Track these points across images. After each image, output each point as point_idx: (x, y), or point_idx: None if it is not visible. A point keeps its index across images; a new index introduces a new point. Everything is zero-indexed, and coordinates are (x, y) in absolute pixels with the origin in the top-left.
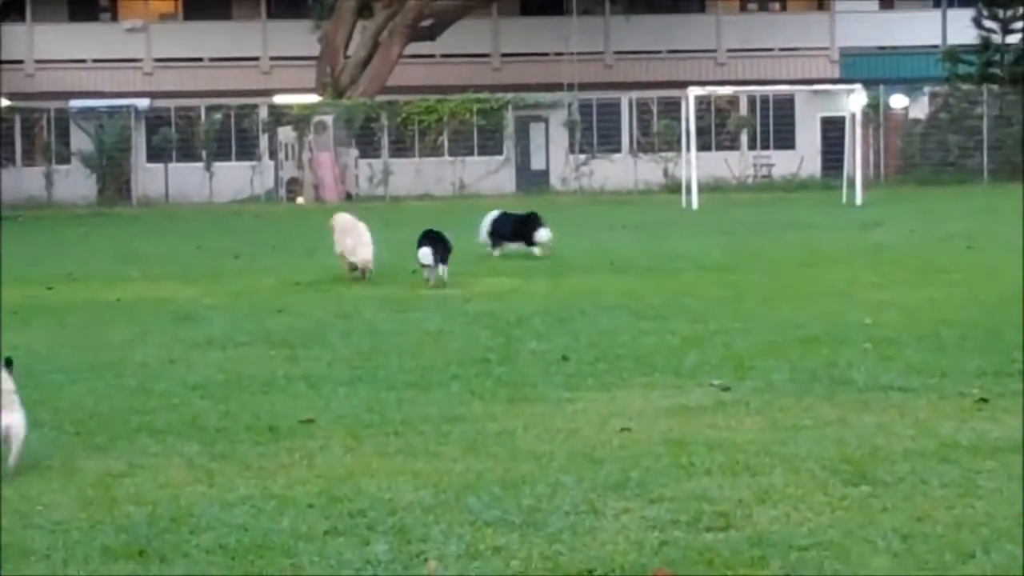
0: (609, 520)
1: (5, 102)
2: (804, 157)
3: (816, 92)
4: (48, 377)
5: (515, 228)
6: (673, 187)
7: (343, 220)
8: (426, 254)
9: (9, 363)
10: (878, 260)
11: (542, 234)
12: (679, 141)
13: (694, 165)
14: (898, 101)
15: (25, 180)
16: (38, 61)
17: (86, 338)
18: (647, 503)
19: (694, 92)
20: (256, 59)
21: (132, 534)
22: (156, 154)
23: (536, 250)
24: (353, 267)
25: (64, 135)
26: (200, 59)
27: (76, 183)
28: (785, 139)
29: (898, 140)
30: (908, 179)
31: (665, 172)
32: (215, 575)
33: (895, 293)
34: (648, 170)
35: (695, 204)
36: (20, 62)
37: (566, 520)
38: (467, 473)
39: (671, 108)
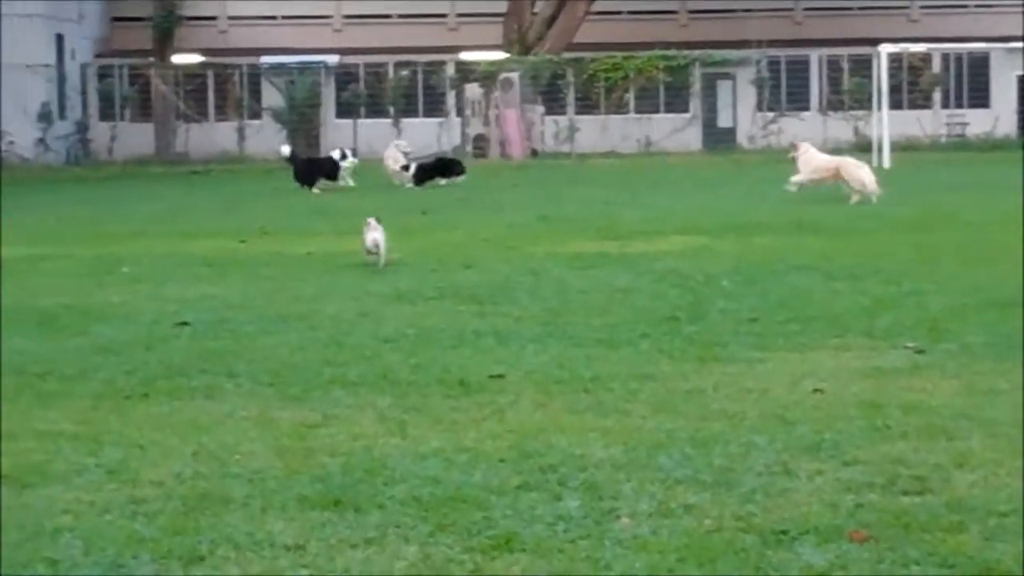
0: (802, 481)
1: (199, 58)
2: (999, 116)
3: (1012, 50)
4: (243, 328)
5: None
6: (863, 146)
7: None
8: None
9: None
10: None
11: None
12: (870, 99)
13: (885, 124)
14: None
15: (218, 135)
16: (231, 18)
17: (278, 290)
18: (841, 465)
19: (886, 49)
20: (444, 16)
21: (327, 484)
22: (345, 110)
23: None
24: None
25: (256, 91)
26: (389, 16)
27: (267, 138)
28: (980, 98)
29: None
30: None
31: (855, 131)
32: (409, 526)
33: None
34: (837, 128)
35: (886, 163)
36: (214, 19)
37: (758, 480)
38: (657, 431)
39: (862, 65)
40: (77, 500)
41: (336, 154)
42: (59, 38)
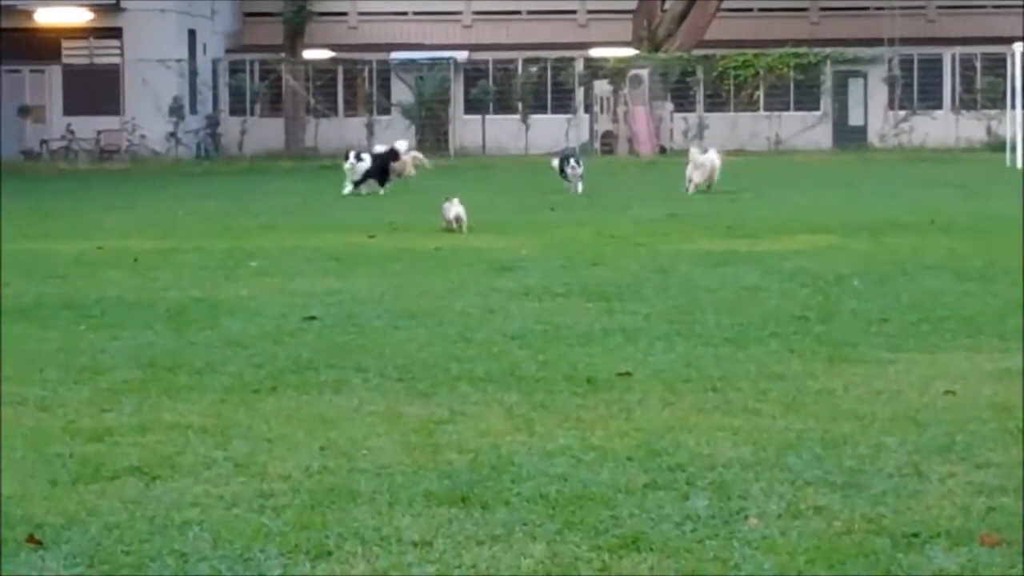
0: (934, 484)
1: (329, 54)
2: None
3: None
4: (371, 323)
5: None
6: (996, 145)
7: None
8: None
9: None
10: None
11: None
12: (1003, 98)
13: (1019, 123)
14: None
15: (347, 129)
16: (361, 14)
17: (407, 286)
18: (973, 468)
19: (1020, 48)
20: (573, 12)
21: (454, 480)
22: (474, 106)
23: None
24: None
25: (385, 86)
26: (518, 12)
27: (396, 133)
28: None
29: None
30: None
31: (988, 130)
32: (536, 524)
33: None
34: (970, 127)
35: (1020, 163)
36: (344, 15)
37: (889, 482)
38: (787, 432)
39: (996, 64)
40: (205, 493)
41: (351, 156)
42: (191, 33)
